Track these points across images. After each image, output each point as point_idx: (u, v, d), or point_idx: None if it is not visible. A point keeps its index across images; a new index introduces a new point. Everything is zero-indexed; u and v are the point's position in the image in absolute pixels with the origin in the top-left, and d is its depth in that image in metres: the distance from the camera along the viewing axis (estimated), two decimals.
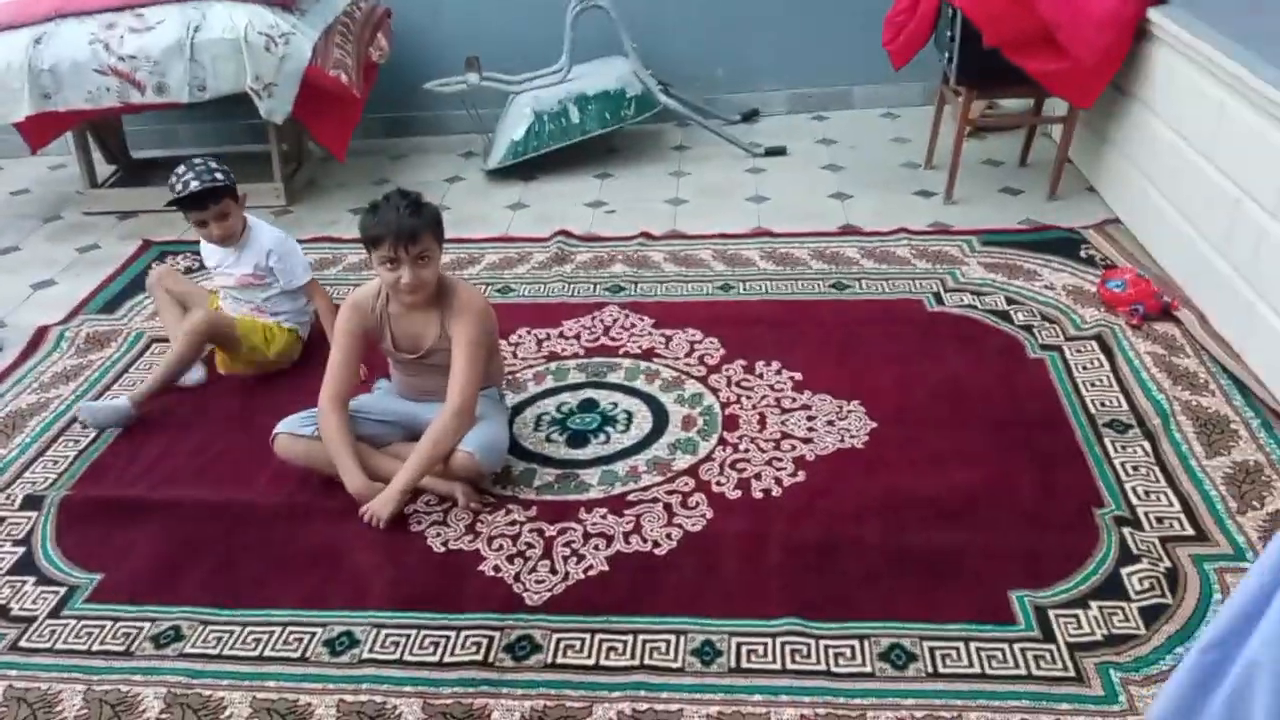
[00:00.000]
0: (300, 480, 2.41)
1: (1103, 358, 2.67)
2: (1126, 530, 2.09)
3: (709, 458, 2.41)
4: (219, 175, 2.71)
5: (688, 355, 2.82)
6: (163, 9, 3.62)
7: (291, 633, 2.02)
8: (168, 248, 3.70)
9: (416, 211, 2.23)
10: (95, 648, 2.02)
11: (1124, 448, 2.34)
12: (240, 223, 2.81)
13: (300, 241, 3.65)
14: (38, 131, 3.93)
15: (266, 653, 1.98)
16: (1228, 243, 2.67)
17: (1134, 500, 2.18)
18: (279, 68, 3.59)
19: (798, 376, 2.68)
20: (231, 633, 2.03)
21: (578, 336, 2.94)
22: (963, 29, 3.29)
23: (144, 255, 3.67)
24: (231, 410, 2.73)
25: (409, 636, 1.98)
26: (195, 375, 2.84)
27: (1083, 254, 3.19)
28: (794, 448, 2.42)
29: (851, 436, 2.44)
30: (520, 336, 2.95)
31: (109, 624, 2.08)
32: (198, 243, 2.97)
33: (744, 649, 1.89)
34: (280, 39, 3.58)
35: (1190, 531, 2.09)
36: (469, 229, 3.72)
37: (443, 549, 2.19)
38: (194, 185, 2.66)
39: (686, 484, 2.33)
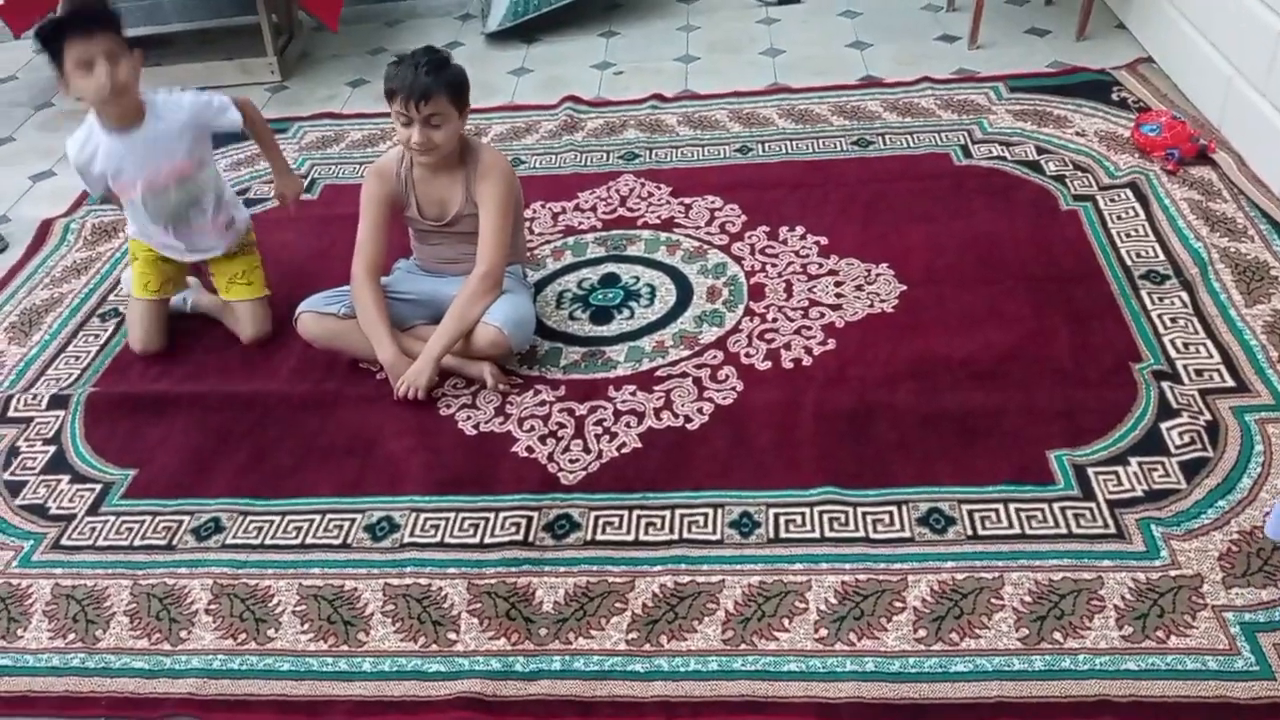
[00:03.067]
0: (327, 368, 2.39)
1: (1138, 206, 2.58)
2: (1165, 384, 2.06)
3: (736, 329, 2.37)
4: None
5: (708, 224, 2.74)
6: None
7: (331, 520, 2.03)
8: None
9: (435, 70, 2.14)
10: (137, 543, 2.04)
11: (1161, 299, 2.29)
12: (135, 82, 2.25)
13: (300, 119, 3.55)
14: (19, 14, 3.77)
15: (308, 541, 1.99)
16: (1268, 79, 2.54)
17: (1172, 353, 2.14)
18: None
19: (823, 241, 2.61)
20: (271, 522, 2.04)
21: (594, 209, 2.86)
22: None
23: None
24: None
25: (448, 519, 1.99)
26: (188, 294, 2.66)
27: (1114, 97, 3.06)
28: (822, 315, 2.37)
29: (881, 300, 2.39)
30: (535, 211, 2.87)
31: (148, 519, 2.09)
32: None
33: (782, 519, 1.90)
34: None
35: (1230, 383, 2.05)
36: (471, 99, 3.57)
37: (474, 432, 2.18)
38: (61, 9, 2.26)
39: (715, 357, 2.30)
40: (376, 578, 1.90)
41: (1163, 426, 1.97)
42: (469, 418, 2.22)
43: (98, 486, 2.18)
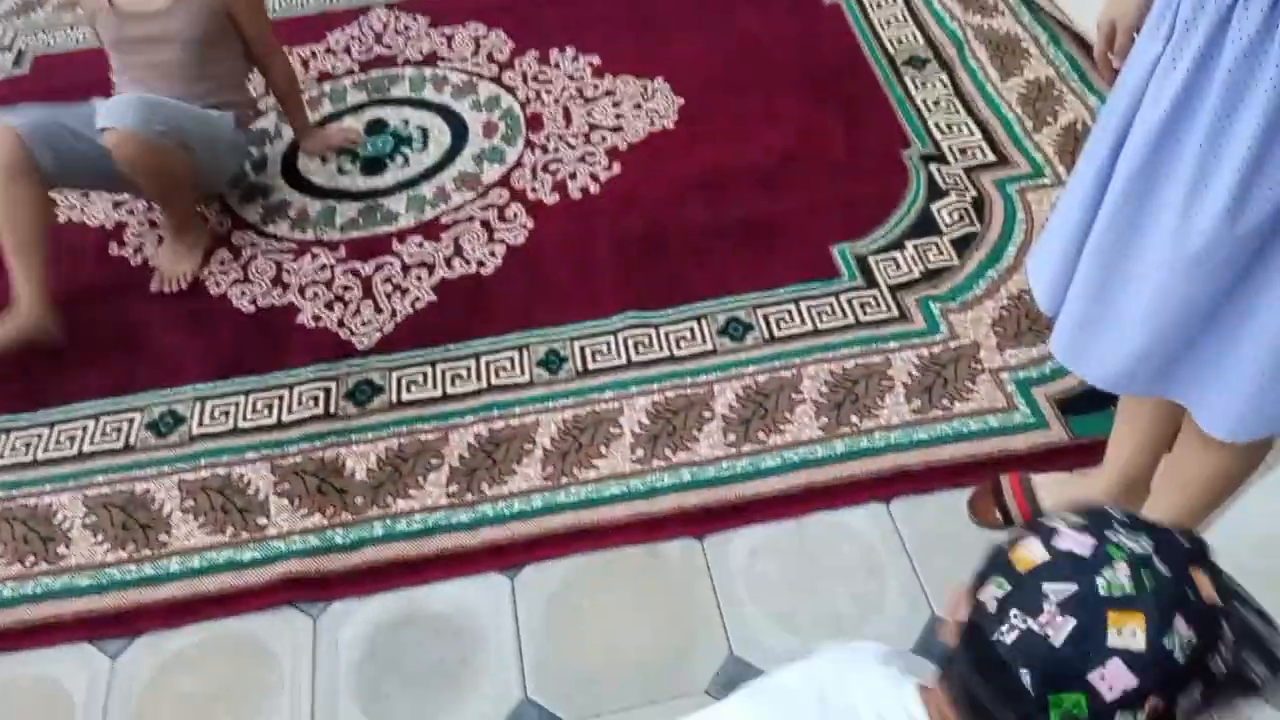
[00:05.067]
0: (73, 259, 2.16)
1: None
2: (933, 166, 2.14)
3: (519, 164, 2.28)
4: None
5: (474, 54, 2.59)
6: None
7: (107, 424, 1.88)
8: None
9: None
10: None
11: (924, 84, 2.34)
12: None
13: None
14: None
15: (85, 449, 1.84)
16: None
17: (937, 135, 2.22)
18: None
19: (595, 60, 2.52)
20: (40, 436, 1.87)
21: (348, 50, 2.65)
22: None
23: None
24: None
25: (238, 404, 1.88)
26: None
27: None
28: (604, 139, 2.31)
29: (661, 117, 2.35)
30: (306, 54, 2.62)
31: None
32: None
33: (588, 350, 1.89)
34: None
35: (992, 158, 2.15)
36: None
37: (252, 308, 2.04)
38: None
39: (500, 196, 2.21)
40: (169, 475, 1.78)
41: (934, 208, 2.06)
42: (244, 294, 2.07)
43: None
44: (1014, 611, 0.67)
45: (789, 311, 1.91)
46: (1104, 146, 1.09)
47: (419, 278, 2.06)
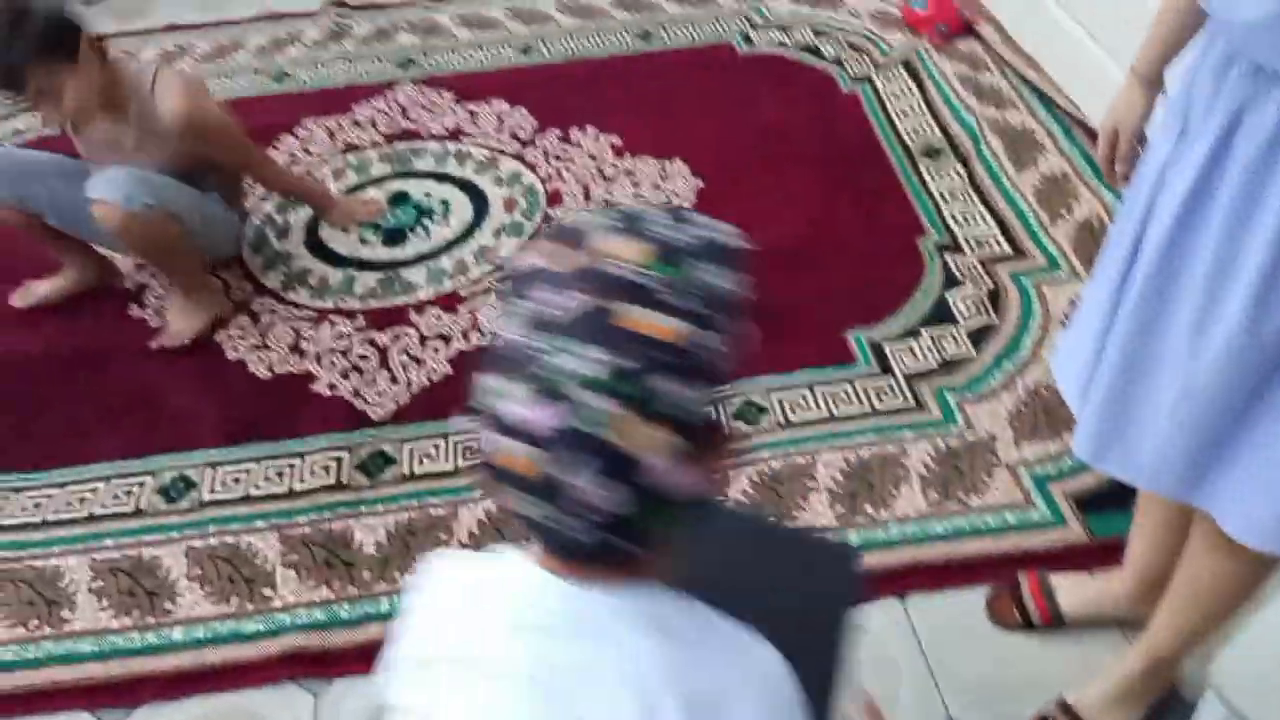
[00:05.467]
0: (92, 319, 2.18)
1: (911, 84, 2.66)
2: (949, 256, 2.16)
3: (536, 237, 2.31)
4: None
5: (498, 131, 2.63)
6: None
7: (119, 487, 1.87)
8: None
9: (10, 40, 1.73)
10: None
11: (940, 174, 2.38)
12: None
13: None
14: None
15: (96, 511, 1.83)
16: None
17: (953, 225, 2.24)
18: None
19: (616, 140, 2.56)
20: (49, 496, 1.87)
21: (374, 123, 2.69)
22: None
23: None
24: None
25: (250, 471, 1.87)
26: None
27: None
28: None
29: (678, 197, 2.38)
30: (308, 130, 2.67)
31: None
32: None
33: None
34: None
35: (1008, 250, 2.17)
36: (224, 7, 3.28)
37: (269, 374, 2.05)
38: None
39: None
40: (177, 542, 1.77)
41: (949, 297, 2.07)
42: (261, 360, 2.08)
43: None
44: None
45: (804, 396, 1.91)
46: (1122, 248, 1.10)
47: (436, 350, 2.07)
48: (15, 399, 2.04)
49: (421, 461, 1.86)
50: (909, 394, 1.89)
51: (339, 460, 1.87)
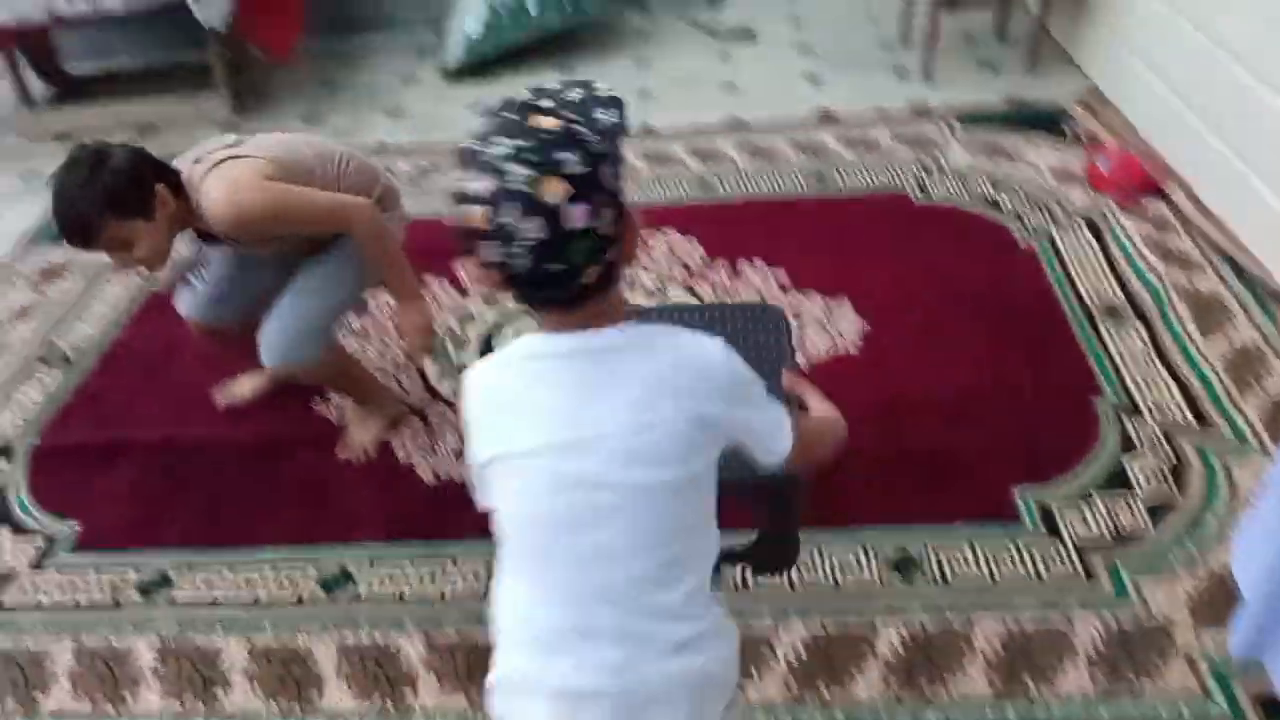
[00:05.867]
0: (278, 412, 2.33)
1: (1093, 241, 2.60)
2: (1127, 420, 2.06)
3: None
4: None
5: (668, 258, 2.72)
6: None
7: (283, 571, 1.96)
8: None
9: (80, 201, 1.73)
10: (82, 601, 1.96)
11: (1120, 334, 2.30)
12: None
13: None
14: None
15: (261, 596, 1.92)
16: (1218, 114, 2.58)
17: (1132, 388, 2.15)
18: None
19: (783, 275, 2.60)
20: (220, 574, 1.98)
21: None
22: None
23: None
24: (200, 345, 2.61)
25: (403, 568, 1.94)
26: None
27: (1067, 131, 3.09)
28: None
29: (843, 337, 2.38)
30: None
31: (92, 574, 2.01)
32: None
33: (741, 563, 1.86)
34: None
35: (1191, 419, 2.06)
36: (428, 134, 3.55)
37: (434, 479, 2.13)
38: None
39: None
40: (330, 633, 1.83)
41: (1126, 463, 1.97)
42: (429, 464, 2.17)
43: (41, 541, 2.10)
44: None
45: (963, 553, 1.84)
46: None
47: None
48: (204, 481, 2.19)
49: None
50: (1078, 563, 1.79)
51: (488, 564, 1.91)
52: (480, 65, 3.91)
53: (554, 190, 0.89)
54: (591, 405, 0.99)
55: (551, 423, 1.00)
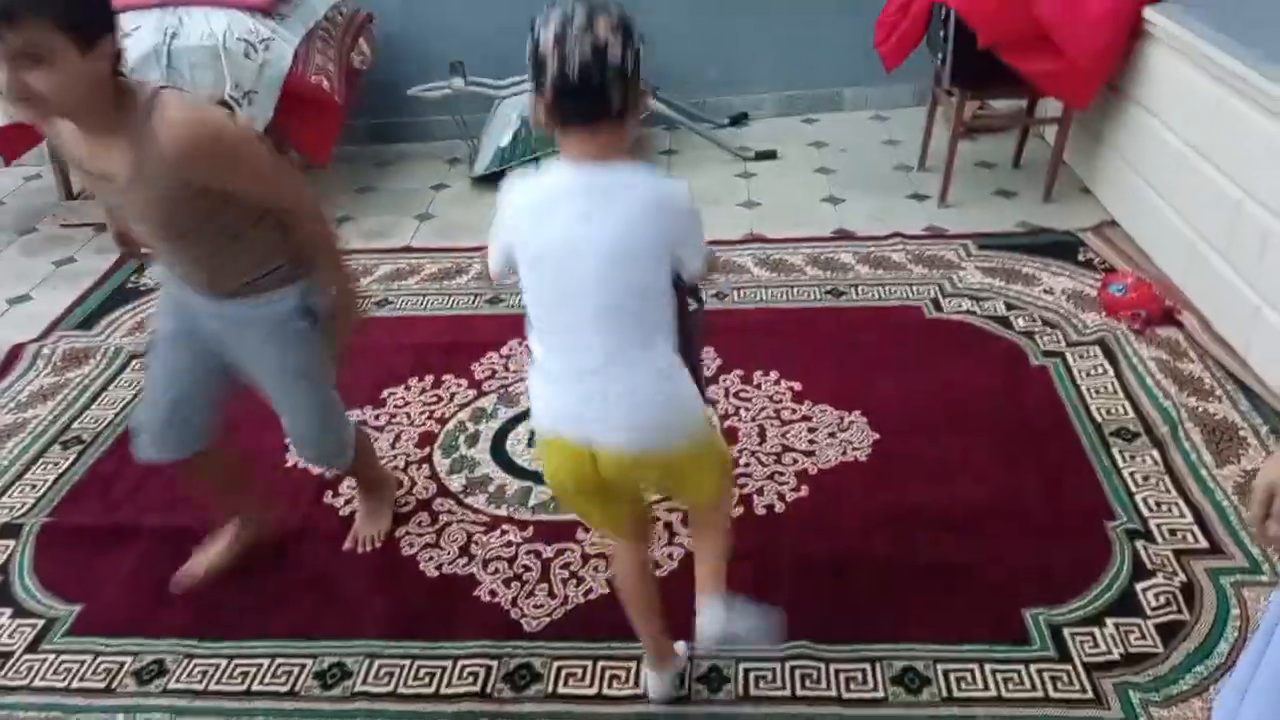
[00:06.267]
0: (289, 502, 2.34)
1: (1106, 364, 2.62)
2: (1139, 543, 2.04)
3: None
4: None
5: None
6: (139, 14, 3.52)
7: (280, 665, 1.94)
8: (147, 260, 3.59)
9: None
10: (75, 684, 1.94)
11: (1132, 457, 2.29)
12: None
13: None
14: (11, 142, 3.83)
15: (254, 687, 1.90)
16: (1230, 244, 2.62)
17: (1145, 512, 2.13)
18: (259, 75, 3.50)
19: (797, 386, 2.62)
20: (217, 666, 1.95)
21: None
22: (956, 30, 3.24)
23: (122, 268, 3.57)
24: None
25: (403, 667, 1.91)
26: None
27: (1081, 257, 3.14)
28: (796, 461, 2.36)
29: (854, 448, 2.38)
30: (511, 349, 2.87)
31: (89, 658, 1.99)
32: None
33: (752, 675, 1.83)
34: (260, 45, 3.50)
35: (1204, 544, 2.04)
36: (456, 238, 3.65)
37: (436, 573, 2.12)
38: None
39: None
40: None
41: (1138, 587, 1.94)
42: (432, 558, 2.16)
43: (40, 622, 2.09)
44: None
45: (972, 671, 1.80)
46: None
47: (596, 568, 2.09)
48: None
49: (566, 681, 1.85)
50: (1088, 686, 1.75)
51: (488, 669, 1.88)
52: (505, 173, 4.03)
53: (602, 28, 1.28)
54: (590, 224, 1.35)
55: (562, 233, 1.37)
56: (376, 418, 2.63)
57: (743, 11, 4.38)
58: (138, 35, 3.49)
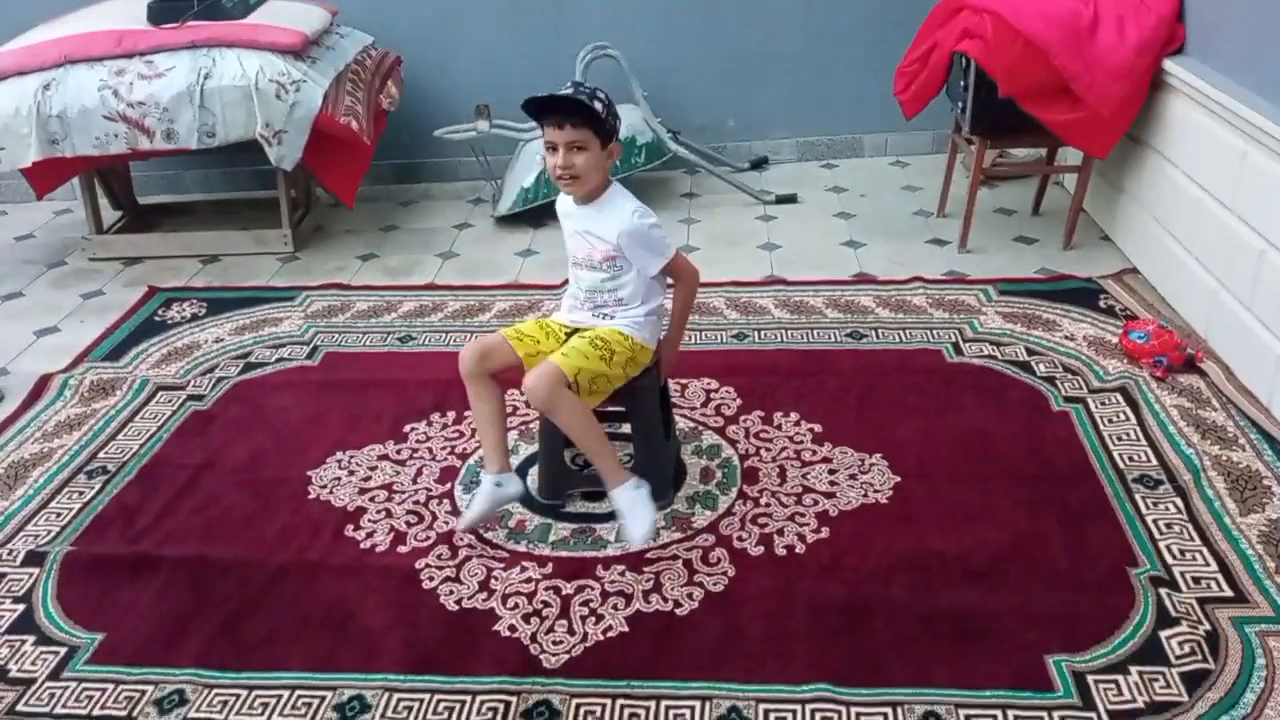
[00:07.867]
0: (311, 533, 2.35)
1: (1128, 411, 2.61)
2: (1163, 591, 2.03)
3: (729, 512, 2.35)
4: (599, 101, 2.18)
5: (704, 405, 2.76)
6: (173, 55, 3.61)
7: (300, 697, 1.94)
8: (174, 294, 3.65)
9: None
10: (96, 712, 1.94)
11: (1155, 504, 2.28)
12: (596, 176, 2.24)
13: (309, 289, 3.63)
14: (44, 177, 3.92)
15: (274, 718, 1.90)
16: (1252, 294, 2.63)
17: (1169, 559, 2.12)
18: (289, 115, 3.58)
19: (817, 428, 2.63)
20: (237, 696, 1.95)
21: None
22: (976, 79, 3.29)
23: (149, 302, 3.62)
24: (238, 462, 2.67)
25: (422, 701, 1.91)
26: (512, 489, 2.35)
27: (1102, 304, 3.15)
28: (816, 502, 2.36)
29: (875, 491, 2.38)
30: None
31: (110, 687, 2.00)
32: (206, 289, 2.59)
33: (772, 716, 1.82)
34: (291, 86, 3.57)
35: (1229, 593, 2.02)
36: (478, 276, 3.69)
37: (456, 607, 2.12)
38: (565, 90, 2.20)
39: (707, 540, 2.27)
40: None
41: (1162, 635, 1.93)
42: (452, 592, 2.16)
43: (62, 650, 2.10)
44: None
45: (995, 718, 1.78)
46: None
47: (615, 606, 2.09)
48: (228, 599, 2.19)
49: (584, 719, 1.84)
50: None
51: (507, 704, 1.88)
52: (528, 213, 4.09)
53: (596, 98, 2.11)
54: (589, 235, 2.21)
55: (575, 236, 2.28)
56: (398, 452, 2.65)
57: (763, 57, 4.45)
58: (171, 75, 3.57)
